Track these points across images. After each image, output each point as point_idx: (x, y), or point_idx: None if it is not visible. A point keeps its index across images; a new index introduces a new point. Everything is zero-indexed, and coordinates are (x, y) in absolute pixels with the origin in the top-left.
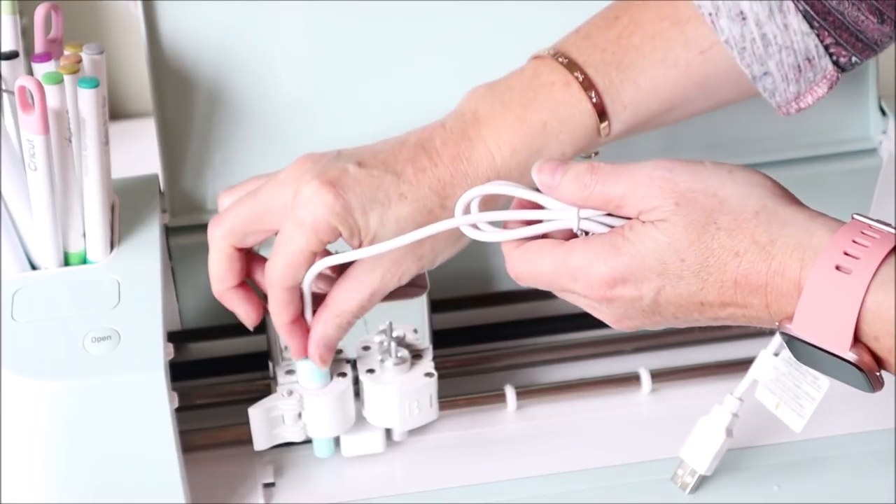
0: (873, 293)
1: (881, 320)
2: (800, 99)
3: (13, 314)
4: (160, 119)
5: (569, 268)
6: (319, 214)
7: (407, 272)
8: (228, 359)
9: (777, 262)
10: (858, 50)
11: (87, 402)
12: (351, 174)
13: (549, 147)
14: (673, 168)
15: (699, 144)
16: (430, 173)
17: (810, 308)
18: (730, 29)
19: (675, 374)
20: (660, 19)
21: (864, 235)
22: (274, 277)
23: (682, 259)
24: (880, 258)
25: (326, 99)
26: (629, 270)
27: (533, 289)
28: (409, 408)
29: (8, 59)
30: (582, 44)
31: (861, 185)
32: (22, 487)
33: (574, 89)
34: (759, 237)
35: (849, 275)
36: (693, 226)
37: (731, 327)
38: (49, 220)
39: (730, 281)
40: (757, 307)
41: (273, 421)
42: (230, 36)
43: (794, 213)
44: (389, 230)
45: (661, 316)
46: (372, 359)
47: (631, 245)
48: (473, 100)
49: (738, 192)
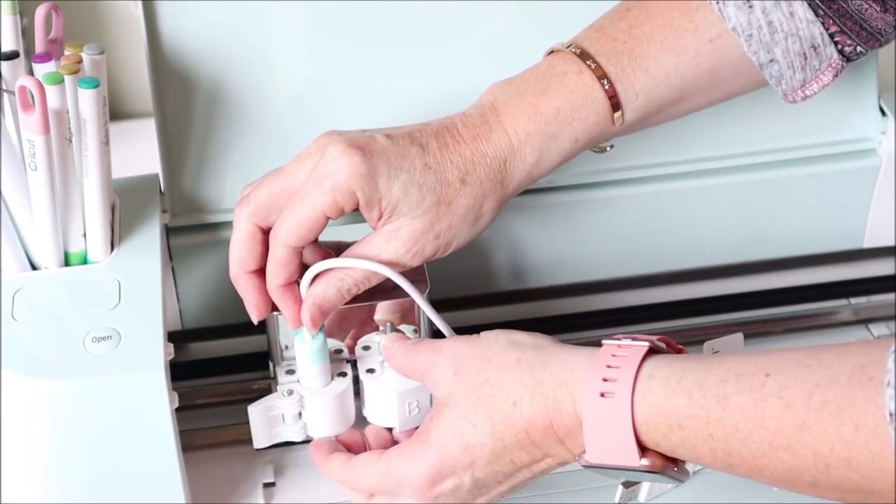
0: (638, 408)
1: (654, 428)
2: (805, 87)
3: (13, 314)
4: (160, 119)
5: (392, 478)
6: (342, 175)
7: (422, 250)
8: (228, 359)
9: (551, 400)
10: (863, 39)
11: (87, 402)
12: (379, 142)
13: (563, 133)
14: (456, 342)
15: (701, 145)
16: (453, 149)
17: (594, 437)
18: (737, 16)
19: None
20: (669, 9)
21: (615, 357)
22: (280, 233)
23: (475, 424)
24: (633, 375)
25: (327, 99)
26: (440, 461)
27: (533, 288)
28: (409, 408)
29: (8, 59)
30: (594, 36)
31: (860, 185)
32: (22, 487)
33: (586, 77)
34: (526, 381)
35: (613, 398)
36: (471, 389)
37: (732, 327)
38: (49, 220)
39: (521, 432)
40: (557, 449)
41: (273, 420)
42: (230, 36)
43: (552, 353)
44: (412, 199)
45: (490, 491)
46: (372, 359)
47: (431, 434)
48: (491, 93)
49: (501, 348)
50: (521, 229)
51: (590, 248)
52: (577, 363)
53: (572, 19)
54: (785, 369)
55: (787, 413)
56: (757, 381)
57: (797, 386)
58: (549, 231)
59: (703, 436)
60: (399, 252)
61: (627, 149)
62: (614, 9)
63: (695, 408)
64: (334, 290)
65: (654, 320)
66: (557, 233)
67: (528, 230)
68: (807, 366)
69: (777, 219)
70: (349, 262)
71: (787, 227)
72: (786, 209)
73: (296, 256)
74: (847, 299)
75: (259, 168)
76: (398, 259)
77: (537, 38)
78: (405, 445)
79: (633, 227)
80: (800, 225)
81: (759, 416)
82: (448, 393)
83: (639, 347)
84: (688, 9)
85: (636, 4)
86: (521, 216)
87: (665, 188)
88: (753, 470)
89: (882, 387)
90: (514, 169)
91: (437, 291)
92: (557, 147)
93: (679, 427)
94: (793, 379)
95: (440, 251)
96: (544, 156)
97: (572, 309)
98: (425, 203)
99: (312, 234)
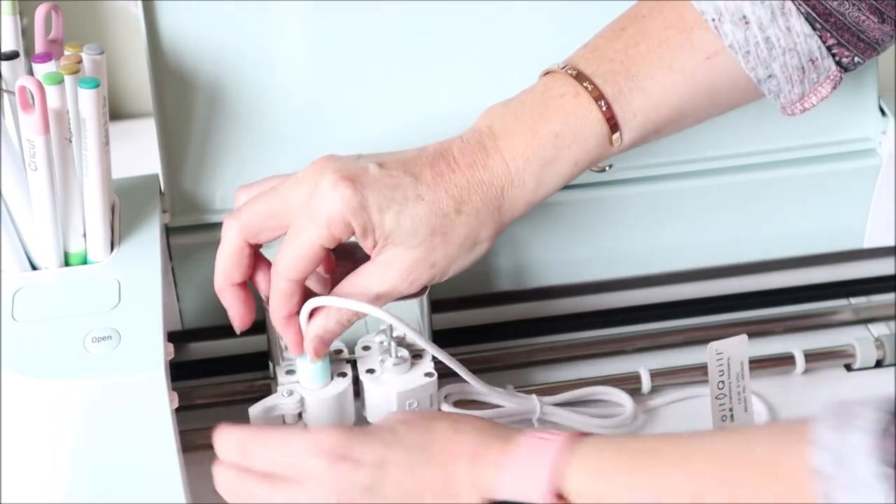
0: (563, 454)
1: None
2: (804, 100)
3: (13, 314)
4: (160, 119)
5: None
6: (336, 208)
7: (418, 279)
8: (228, 359)
9: None
10: (860, 50)
11: (87, 402)
12: (371, 172)
13: (562, 157)
14: None
15: (701, 145)
16: (448, 178)
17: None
18: (733, 33)
19: (675, 374)
20: (665, 28)
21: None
22: (281, 267)
23: None
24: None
25: (326, 99)
26: None
27: (533, 289)
28: (410, 408)
29: (8, 59)
30: (590, 56)
31: (860, 185)
32: (22, 487)
33: (584, 99)
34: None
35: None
36: None
37: (732, 327)
38: (49, 220)
39: None
40: None
41: (273, 421)
42: (230, 36)
43: None
44: (405, 230)
45: None
46: (372, 359)
47: None
48: (488, 117)
49: None
50: (521, 229)
51: (590, 248)
52: None
53: (577, 29)
54: (709, 436)
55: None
56: (682, 442)
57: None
58: (549, 231)
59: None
60: (395, 282)
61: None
62: (609, 28)
63: (623, 453)
64: (334, 322)
65: (654, 320)
66: (557, 233)
67: (528, 230)
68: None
69: (777, 219)
70: (345, 303)
71: (787, 227)
72: (786, 209)
73: (298, 288)
74: (847, 299)
75: (259, 168)
76: (394, 288)
77: (541, 41)
78: None
79: (634, 227)
80: (800, 225)
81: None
82: None
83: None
84: (684, 27)
85: (630, 23)
86: None
87: (665, 188)
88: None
89: None
90: (512, 196)
91: (437, 291)
92: (556, 171)
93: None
94: (719, 441)
95: (437, 278)
96: (543, 181)
97: (572, 309)
98: (419, 234)
99: (312, 266)
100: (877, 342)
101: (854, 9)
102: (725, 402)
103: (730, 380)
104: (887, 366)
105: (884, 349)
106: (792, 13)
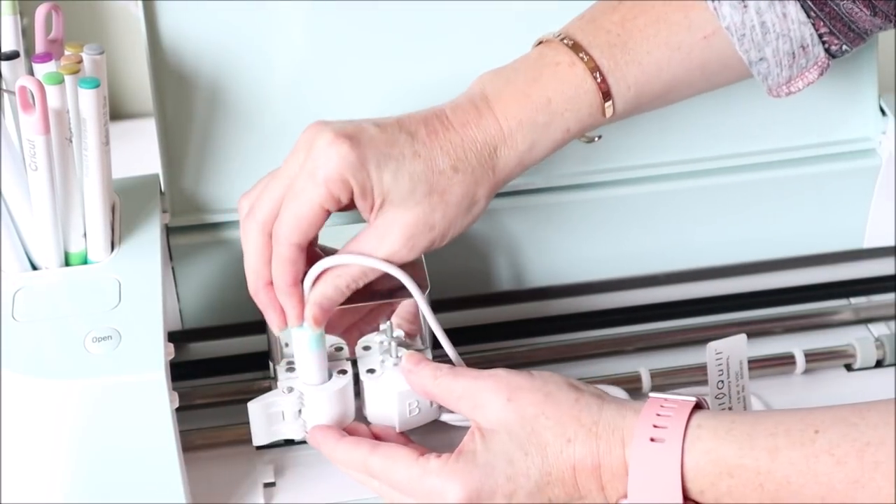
0: (688, 454)
1: (702, 475)
2: (791, 83)
3: (14, 314)
4: (160, 119)
5: (424, 486)
6: (333, 165)
7: (418, 244)
8: (228, 359)
9: (604, 441)
10: (850, 39)
11: (88, 402)
12: (367, 130)
13: (554, 122)
14: (506, 372)
15: (700, 145)
16: (442, 136)
17: (639, 480)
18: (731, 16)
19: (675, 374)
20: (663, 3)
21: (664, 408)
22: (282, 232)
23: (526, 453)
24: (684, 424)
25: (327, 99)
26: (482, 483)
27: (532, 288)
28: (410, 408)
29: (8, 59)
30: (587, 27)
31: (860, 185)
32: (22, 487)
33: (579, 70)
34: (583, 420)
35: (664, 443)
36: (526, 419)
37: (732, 327)
38: (50, 220)
39: (569, 469)
40: (596, 494)
41: (272, 417)
42: (230, 36)
43: (606, 400)
44: (403, 187)
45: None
46: (372, 359)
47: (479, 455)
48: (481, 82)
49: (559, 386)
50: (520, 229)
51: (589, 248)
52: (627, 412)
53: (567, 10)
54: (833, 427)
55: (839, 470)
56: (807, 437)
57: (847, 444)
58: (549, 231)
59: (753, 485)
60: (395, 247)
61: (627, 149)
62: None
63: (745, 458)
64: (332, 288)
65: (654, 320)
66: (557, 233)
67: (527, 230)
68: (854, 425)
69: (777, 219)
70: (349, 259)
71: (787, 227)
72: (786, 209)
73: (301, 254)
74: (847, 299)
75: (259, 168)
76: (395, 253)
77: (532, 26)
78: (449, 460)
79: (633, 228)
80: (800, 225)
81: (811, 471)
82: (498, 419)
83: (686, 401)
84: (682, 5)
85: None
86: (520, 216)
87: (665, 188)
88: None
89: None
90: (505, 155)
91: (437, 292)
92: (549, 136)
93: (728, 475)
94: (842, 437)
95: (436, 242)
96: (536, 144)
97: (572, 309)
98: (417, 193)
99: (314, 228)
100: (877, 342)
101: (848, 0)
102: (725, 401)
103: (729, 379)
104: (887, 366)
105: (884, 349)
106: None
